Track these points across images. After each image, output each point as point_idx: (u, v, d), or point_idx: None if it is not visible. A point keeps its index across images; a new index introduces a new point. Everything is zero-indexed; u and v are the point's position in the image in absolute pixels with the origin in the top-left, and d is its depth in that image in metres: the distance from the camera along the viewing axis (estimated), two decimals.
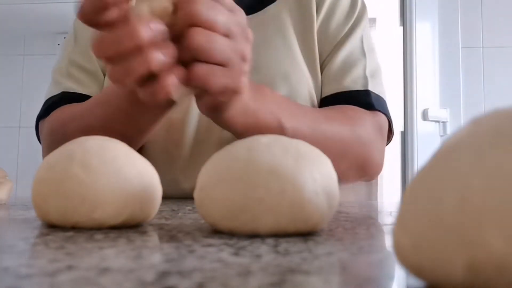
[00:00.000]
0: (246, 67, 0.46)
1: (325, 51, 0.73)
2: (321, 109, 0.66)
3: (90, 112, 0.62)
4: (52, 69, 0.77)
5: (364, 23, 0.75)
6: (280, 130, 0.55)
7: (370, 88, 0.71)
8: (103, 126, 0.58)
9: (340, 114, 0.66)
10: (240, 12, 0.45)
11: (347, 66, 0.72)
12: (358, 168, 0.66)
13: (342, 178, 0.66)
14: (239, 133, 0.55)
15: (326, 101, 0.72)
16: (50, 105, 0.72)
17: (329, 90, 0.71)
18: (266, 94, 0.55)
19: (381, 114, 0.71)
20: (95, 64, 0.74)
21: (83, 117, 0.63)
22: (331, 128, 0.62)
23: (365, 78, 0.71)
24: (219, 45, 0.42)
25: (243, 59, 0.45)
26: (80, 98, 0.71)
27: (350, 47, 0.73)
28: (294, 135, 0.55)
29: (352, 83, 0.71)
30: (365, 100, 0.69)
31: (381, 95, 0.73)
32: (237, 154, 0.31)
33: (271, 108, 0.54)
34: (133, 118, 0.56)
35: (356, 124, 0.66)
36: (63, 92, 0.72)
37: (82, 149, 0.33)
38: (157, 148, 0.69)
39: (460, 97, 1.79)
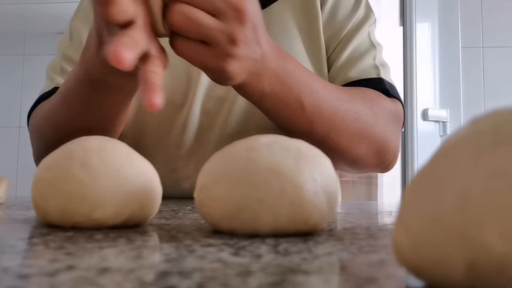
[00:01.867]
0: (237, 50, 0.43)
1: (332, 45, 0.73)
2: (344, 87, 0.65)
3: (56, 106, 0.62)
4: (46, 67, 0.77)
5: (371, 20, 0.75)
6: (299, 106, 0.54)
7: (382, 76, 0.70)
8: (68, 121, 0.59)
9: (362, 95, 0.65)
10: None
11: (357, 57, 0.71)
12: (376, 153, 0.65)
13: (360, 162, 0.65)
14: (257, 105, 0.54)
15: None
16: (39, 102, 0.72)
17: (340, 81, 0.71)
18: (290, 66, 0.53)
19: (397, 101, 0.70)
20: None
21: (51, 111, 0.63)
22: (353, 108, 0.61)
23: (376, 66, 0.71)
24: (199, 24, 0.41)
25: (232, 41, 0.43)
26: None
27: (358, 40, 0.73)
28: (313, 113, 0.55)
29: (363, 72, 0.70)
30: (380, 87, 0.69)
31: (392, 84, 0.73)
32: (237, 154, 0.31)
33: (292, 82, 0.53)
34: (94, 105, 0.55)
35: (376, 107, 0.65)
36: (55, 88, 0.72)
37: (82, 149, 0.33)
38: (157, 148, 0.69)
39: (460, 97, 1.79)
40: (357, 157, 0.64)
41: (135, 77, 0.46)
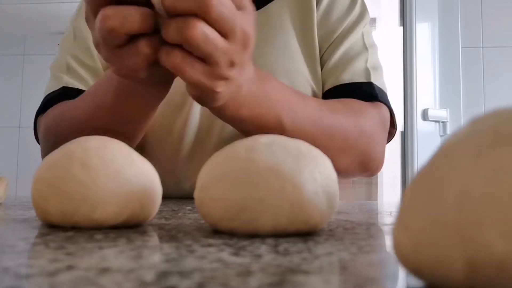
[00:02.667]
0: (232, 72, 0.43)
1: (325, 45, 0.73)
2: (326, 101, 0.65)
3: (78, 108, 0.61)
4: (50, 66, 0.77)
5: (365, 21, 0.76)
6: (279, 126, 0.54)
7: (373, 80, 0.71)
8: (89, 121, 0.58)
9: (345, 107, 0.65)
10: (250, 13, 0.42)
11: (349, 59, 0.72)
12: (360, 163, 0.66)
13: (344, 173, 0.66)
14: (237, 127, 0.54)
15: (329, 94, 0.71)
16: (49, 101, 0.71)
17: (331, 83, 0.71)
18: (268, 87, 0.53)
19: (384, 106, 0.70)
20: (96, 61, 0.74)
21: (72, 112, 0.63)
22: (335, 122, 0.61)
23: (367, 70, 0.71)
24: (210, 43, 0.39)
25: (230, 64, 0.42)
26: (80, 94, 0.68)
27: (351, 41, 0.73)
28: (294, 131, 0.55)
29: (354, 75, 0.70)
30: (368, 91, 0.69)
31: (383, 88, 0.73)
32: (237, 154, 0.31)
33: (271, 103, 0.53)
34: (117, 109, 0.55)
35: (360, 118, 0.65)
36: (63, 87, 0.72)
37: (82, 149, 0.33)
38: (158, 148, 0.69)
39: (460, 97, 1.79)
40: (340, 169, 0.64)
41: (163, 85, 0.49)
